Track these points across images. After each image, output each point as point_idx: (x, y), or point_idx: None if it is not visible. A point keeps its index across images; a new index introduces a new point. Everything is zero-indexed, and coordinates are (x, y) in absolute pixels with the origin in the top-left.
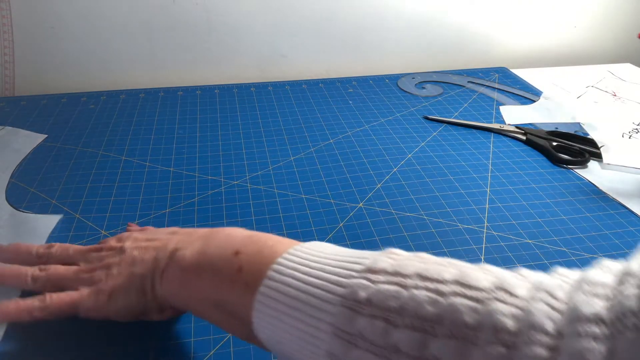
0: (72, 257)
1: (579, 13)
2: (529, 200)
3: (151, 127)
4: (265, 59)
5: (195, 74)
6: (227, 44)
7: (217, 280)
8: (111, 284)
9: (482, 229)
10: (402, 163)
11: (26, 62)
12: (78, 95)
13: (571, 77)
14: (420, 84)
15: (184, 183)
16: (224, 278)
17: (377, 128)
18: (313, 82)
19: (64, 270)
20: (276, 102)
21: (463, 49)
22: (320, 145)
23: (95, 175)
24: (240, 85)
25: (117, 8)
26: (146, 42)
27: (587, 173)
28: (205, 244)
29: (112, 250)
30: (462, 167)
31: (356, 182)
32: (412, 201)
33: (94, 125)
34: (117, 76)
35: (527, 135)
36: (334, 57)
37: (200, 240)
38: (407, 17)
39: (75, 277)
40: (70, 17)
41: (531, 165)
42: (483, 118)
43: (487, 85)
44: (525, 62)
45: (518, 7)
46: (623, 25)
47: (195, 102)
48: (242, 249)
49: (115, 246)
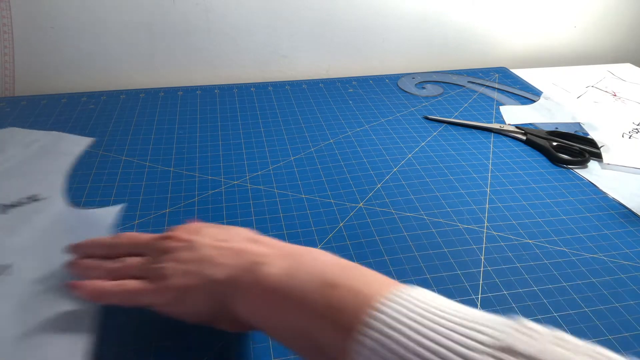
0: (139, 247)
1: (579, 13)
2: (529, 200)
3: (151, 127)
4: (265, 59)
5: (195, 74)
6: (227, 44)
7: (304, 311)
8: (181, 282)
9: (482, 229)
10: (402, 163)
11: (26, 62)
12: (78, 95)
13: (571, 77)
14: (421, 84)
15: (184, 183)
16: (312, 310)
17: (377, 128)
18: (313, 82)
19: (135, 262)
20: (276, 102)
21: (463, 49)
22: (320, 145)
23: (95, 175)
24: (240, 85)
25: (117, 8)
26: (146, 42)
27: (587, 173)
28: (293, 266)
29: (181, 242)
30: (462, 167)
31: (356, 182)
32: (412, 201)
33: (94, 125)
34: (117, 76)
35: (527, 135)
36: (334, 57)
37: (286, 260)
38: (407, 17)
39: (144, 268)
40: (70, 18)
41: (531, 165)
42: (483, 118)
43: (487, 85)
44: (525, 62)
45: (518, 7)
46: (623, 25)
47: (195, 102)
48: (334, 280)
49: (184, 238)
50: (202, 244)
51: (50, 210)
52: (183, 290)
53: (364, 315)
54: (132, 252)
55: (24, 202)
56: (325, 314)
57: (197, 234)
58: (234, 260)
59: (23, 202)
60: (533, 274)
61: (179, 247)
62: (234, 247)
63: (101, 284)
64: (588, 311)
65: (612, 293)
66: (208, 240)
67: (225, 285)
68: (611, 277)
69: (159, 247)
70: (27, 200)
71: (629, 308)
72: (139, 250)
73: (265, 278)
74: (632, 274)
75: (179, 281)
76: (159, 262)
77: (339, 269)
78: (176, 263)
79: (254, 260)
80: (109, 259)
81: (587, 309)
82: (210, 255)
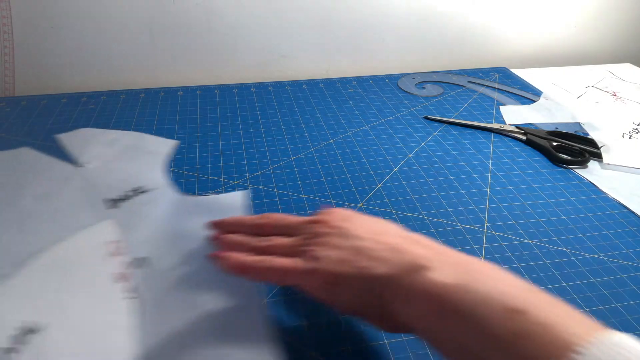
0: (287, 228)
1: (579, 13)
2: (529, 200)
3: (151, 127)
4: (265, 59)
5: (195, 74)
6: (227, 44)
7: (480, 332)
8: (334, 268)
9: (482, 229)
10: (402, 163)
11: (26, 62)
12: (78, 95)
13: (571, 77)
14: (421, 84)
15: (184, 183)
16: (492, 335)
17: (377, 128)
18: (313, 82)
19: (284, 242)
20: (276, 102)
21: (463, 49)
22: (320, 145)
23: None
24: (240, 85)
25: (117, 8)
26: (146, 42)
27: (587, 173)
28: (464, 278)
29: (333, 228)
30: (462, 167)
31: (356, 182)
32: (412, 201)
33: (94, 125)
34: (117, 76)
35: (527, 135)
36: (334, 57)
37: (455, 269)
38: (407, 17)
39: (294, 249)
40: (70, 17)
41: (531, 165)
42: (483, 118)
43: (487, 85)
44: (525, 62)
45: (518, 8)
46: (623, 25)
47: (195, 102)
48: (519, 305)
49: (336, 225)
50: (357, 234)
51: (165, 200)
52: (335, 276)
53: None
54: (277, 233)
55: (131, 194)
56: (509, 342)
57: (348, 221)
58: (395, 257)
59: (130, 195)
60: (533, 274)
61: (331, 233)
62: (392, 243)
63: (248, 257)
64: (588, 311)
65: (612, 293)
66: (362, 231)
67: (384, 282)
68: (611, 277)
69: (309, 230)
70: (133, 192)
71: (629, 308)
72: (285, 231)
73: (432, 284)
74: (632, 274)
75: (331, 266)
76: (310, 245)
77: (522, 292)
78: (329, 248)
79: (416, 262)
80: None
81: (587, 309)
82: (368, 248)
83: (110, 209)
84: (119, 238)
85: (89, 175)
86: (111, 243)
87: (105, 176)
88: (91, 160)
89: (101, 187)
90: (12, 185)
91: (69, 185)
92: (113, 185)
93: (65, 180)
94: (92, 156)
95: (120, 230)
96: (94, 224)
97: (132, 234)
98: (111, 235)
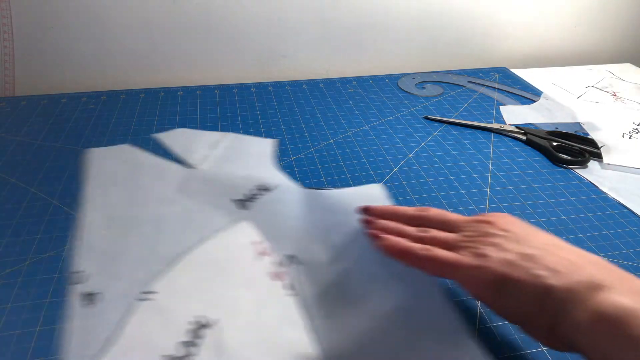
0: (450, 224)
1: (579, 13)
2: (529, 200)
3: (151, 127)
4: (265, 59)
5: (195, 74)
6: (227, 44)
7: None
8: (503, 270)
9: None
10: (402, 163)
11: (26, 62)
12: (78, 95)
13: (571, 77)
14: (421, 84)
15: None
16: None
17: (377, 128)
18: (313, 82)
19: (445, 236)
20: (276, 102)
21: (463, 49)
22: (320, 145)
23: None
24: (240, 85)
25: (117, 8)
26: (146, 42)
27: (587, 173)
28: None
29: (501, 230)
30: (462, 167)
31: (356, 182)
32: (412, 201)
33: (94, 125)
34: (117, 76)
35: (527, 135)
36: (334, 57)
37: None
38: (407, 17)
39: (457, 244)
40: (70, 17)
41: (531, 165)
42: (483, 118)
43: (487, 85)
44: (525, 62)
45: (518, 7)
46: (623, 25)
47: (195, 102)
48: None
49: (505, 228)
50: (528, 240)
51: (293, 196)
52: (503, 278)
53: None
54: (436, 227)
55: (257, 194)
56: None
57: (517, 226)
58: (571, 272)
59: (257, 195)
60: None
61: (500, 235)
62: (569, 257)
63: (408, 243)
64: None
65: None
66: (534, 239)
67: (557, 295)
68: None
69: (476, 228)
70: (258, 191)
71: None
72: (445, 227)
73: (610, 305)
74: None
75: (501, 267)
76: (477, 242)
77: None
78: (498, 249)
79: (594, 281)
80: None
81: None
82: (542, 257)
83: (241, 209)
84: (261, 238)
85: (206, 176)
86: (257, 243)
87: (223, 178)
88: (201, 161)
89: (224, 188)
90: (132, 185)
91: (190, 187)
92: (236, 186)
93: (186, 181)
94: (201, 158)
95: (259, 230)
96: (230, 225)
97: (272, 234)
98: (254, 236)
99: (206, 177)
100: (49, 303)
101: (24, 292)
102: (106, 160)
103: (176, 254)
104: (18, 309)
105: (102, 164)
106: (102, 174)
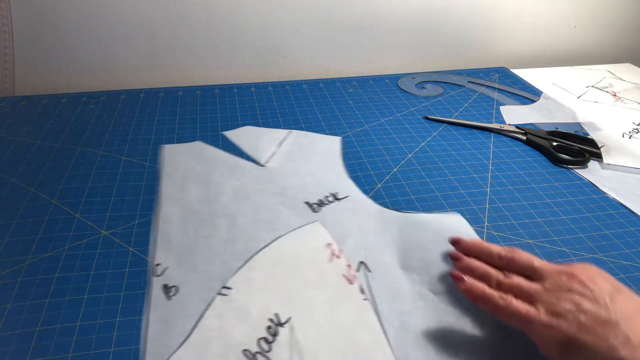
0: (534, 270)
1: (579, 13)
2: (529, 200)
3: (151, 127)
4: (265, 59)
5: (196, 74)
6: (227, 44)
7: None
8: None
9: (482, 229)
10: (402, 163)
11: (26, 62)
12: (78, 95)
13: (571, 77)
14: (421, 84)
15: None
16: None
17: (377, 128)
18: (313, 82)
19: (526, 286)
20: (276, 102)
21: (463, 49)
22: None
23: (95, 175)
24: (240, 85)
25: (117, 8)
26: (146, 42)
27: (587, 173)
28: None
29: (584, 287)
30: (462, 167)
31: (356, 182)
32: (412, 201)
33: (94, 125)
34: (117, 76)
35: (527, 135)
36: (334, 57)
37: None
38: (407, 17)
39: (537, 297)
40: (70, 17)
41: (531, 165)
42: (483, 118)
43: (487, 85)
44: (525, 62)
45: (518, 8)
46: (623, 25)
47: (195, 102)
48: None
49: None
50: (608, 305)
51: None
52: (573, 340)
53: None
54: (522, 272)
55: (330, 200)
56: None
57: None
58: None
59: (330, 201)
60: None
61: (581, 292)
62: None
63: (488, 290)
64: None
65: None
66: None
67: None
68: None
69: (558, 281)
70: (333, 198)
71: None
72: (530, 273)
73: None
74: (632, 274)
75: (572, 330)
76: (555, 298)
77: None
78: (575, 308)
79: None
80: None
81: None
82: (619, 325)
83: (312, 212)
84: (332, 241)
85: (276, 175)
86: (331, 245)
87: (293, 178)
88: (269, 160)
89: (297, 190)
90: (206, 181)
91: (259, 185)
92: (309, 189)
93: (256, 180)
94: (269, 156)
95: (330, 234)
96: (303, 226)
97: (343, 239)
98: (328, 238)
99: (273, 177)
100: (49, 303)
101: (24, 292)
102: (180, 156)
103: (250, 250)
104: (18, 309)
105: (177, 160)
106: (177, 169)
